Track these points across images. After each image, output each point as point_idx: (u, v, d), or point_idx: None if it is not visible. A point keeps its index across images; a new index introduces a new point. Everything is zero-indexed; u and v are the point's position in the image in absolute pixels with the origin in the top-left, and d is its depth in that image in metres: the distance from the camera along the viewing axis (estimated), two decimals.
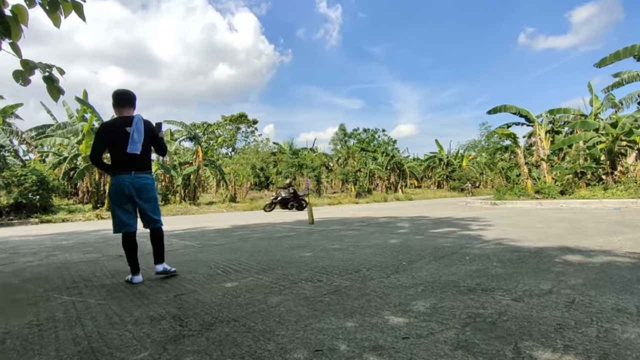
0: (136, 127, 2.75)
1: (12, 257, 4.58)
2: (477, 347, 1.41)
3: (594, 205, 10.23)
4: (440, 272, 2.72)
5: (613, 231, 4.61)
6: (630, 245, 3.55)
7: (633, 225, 5.13)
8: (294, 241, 4.97)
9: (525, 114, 17.41)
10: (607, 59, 13.32)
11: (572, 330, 1.53)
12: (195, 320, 1.88)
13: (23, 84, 2.55)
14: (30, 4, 2.31)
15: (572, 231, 4.77)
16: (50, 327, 1.88)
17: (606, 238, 4.05)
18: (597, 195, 11.98)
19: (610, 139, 13.65)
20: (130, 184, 2.77)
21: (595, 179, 14.36)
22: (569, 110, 17.54)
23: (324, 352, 1.43)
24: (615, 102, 16.24)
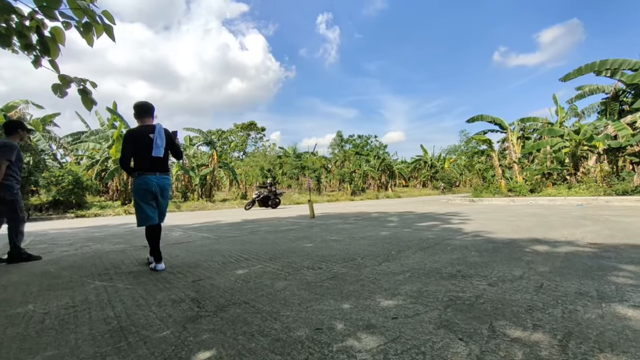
0: (159, 134, 2.83)
1: (51, 247, 4.58)
2: (457, 326, 1.41)
3: (559, 202, 10.22)
4: (425, 260, 2.72)
5: (576, 224, 4.60)
6: (591, 237, 3.55)
7: (594, 219, 5.12)
8: (297, 233, 4.97)
9: (499, 122, 17.40)
10: (571, 74, 13.30)
11: (540, 312, 1.53)
12: (211, 302, 1.88)
13: (60, 96, 2.54)
14: (67, 26, 2.30)
15: (541, 224, 4.77)
16: (84, 308, 1.88)
17: (570, 230, 4.05)
18: (562, 193, 11.97)
19: (574, 144, 13.65)
20: (156, 183, 2.83)
21: (560, 179, 14.36)
22: (538, 119, 17.56)
23: (323, 330, 1.43)
24: (577, 111, 16.26)
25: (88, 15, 2.21)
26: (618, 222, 4.64)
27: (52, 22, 2.24)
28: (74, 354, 1.33)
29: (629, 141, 11.45)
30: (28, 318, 1.76)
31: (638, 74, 11.21)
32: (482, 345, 1.25)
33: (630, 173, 11.60)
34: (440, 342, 1.28)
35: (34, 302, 2.05)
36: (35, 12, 2.19)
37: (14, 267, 3.25)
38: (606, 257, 2.56)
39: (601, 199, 9.63)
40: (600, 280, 1.96)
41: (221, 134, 42.88)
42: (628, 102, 13.86)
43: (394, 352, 1.22)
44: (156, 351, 1.32)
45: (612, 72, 12.50)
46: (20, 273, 2.96)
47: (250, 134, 44.83)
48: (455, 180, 38.34)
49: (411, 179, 39.67)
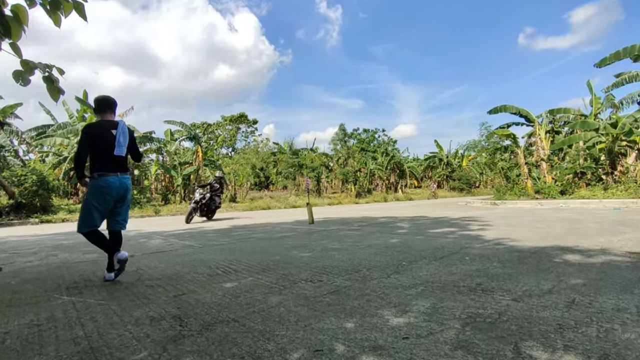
0: (122, 131, 2.87)
1: (12, 257, 4.58)
2: (477, 347, 1.41)
3: (593, 205, 10.23)
4: (440, 272, 2.72)
5: (613, 231, 4.61)
6: (631, 245, 3.55)
7: (633, 225, 5.13)
8: (294, 241, 4.97)
9: (525, 114, 17.42)
10: (607, 59, 13.32)
11: (572, 330, 1.53)
12: (195, 320, 1.88)
13: (23, 84, 2.54)
14: (31, 4, 2.30)
15: (572, 231, 4.77)
16: (50, 327, 1.88)
17: (606, 238, 4.05)
18: (597, 195, 11.98)
19: (610, 139, 13.65)
20: (119, 185, 2.86)
21: (595, 179, 14.36)
22: (569, 110, 17.56)
23: (323, 352, 1.43)
24: (615, 102, 16.26)
25: None
26: None
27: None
28: None
29: None
30: None
31: None
32: None
33: None
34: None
35: None
36: None
37: None
38: None
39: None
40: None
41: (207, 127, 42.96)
42: None
43: None
44: None
45: None
46: None
47: (240, 128, 44.89)
48: (475, 181, 38.36)
49: (424, 179, 39.70)
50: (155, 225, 9.81)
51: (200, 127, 41.93)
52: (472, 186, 36.88)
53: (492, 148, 37.73)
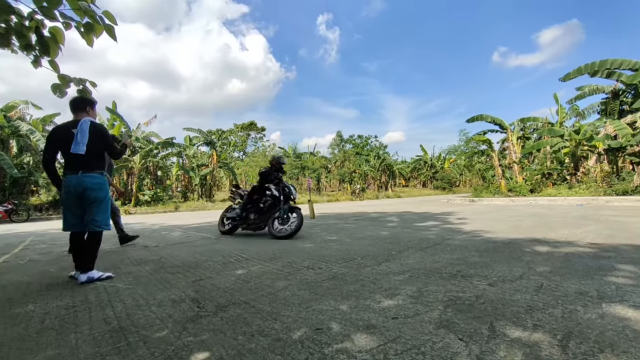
0: (80, 128, 2.55)
1: (51, 248, 4.58)
2: (457, 326, 1.41)
3: (559, 202, 10.22)
4: (425, 260, 2.72)
5: (576, 224, 4.60)
6: (592, 237, 3.55)
7: (594, 219, 5.12)
8: (298, 234, 4.96)
9: (499, 122, 17.40)
10: (571, 73, 13.31)
11: (541, 312, 1.53)
12: (211, 302, 1.88)
13: (60, 96, 2.54)
14: (67, 26, 2.30)
15: (541, 224, 4.77)
16: (84, 308, 1.88)
17: (570, 230, 4.05)
18: (562, 193, 11.97)
19: (574, 144, 13.65)
20: (76, 184, 2.52)
21: (560, 179, 14.36)
22: (538, 119, 17.57)
23: (323, 331, 1.42)
24: (578, 111, 16.25)
25: (88, 16, 2.21)
26: (618, 222, 4.64)
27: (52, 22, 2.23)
28: (74, 354, 1.33)
29: (629, 141, 11.44)
30: (28, 318, 1.76)
31: (638, 74, 11.22)
32: (482, 345, 1.25)
33: (630, 173, 11.60)
34: (440, 342, 1.28)
35: (34, 302, 2.05)
36: (34, 12, 2.18)
37: (16, 268, 3.25)
38: (606, 257, 2.56)
39: (601, 199, 9.63)
40: (600, 281, 1.96)
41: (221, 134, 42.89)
42: (628, 102, 13.86)
43: (394, 352, 1.22)
44: (156, 351, 1.32)
45: (611, 72, 12.51)
46: (21, 273, 2.96)
47: (250, 134, 44.85)
48: (455, 180, 38.33)
49: (411, 179, 39.66)
50: (175, 219, 9.81)
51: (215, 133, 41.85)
52: (452, 185, 36.87)
53: (470, 152, 37.70)
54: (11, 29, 2.25)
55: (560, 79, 13.80)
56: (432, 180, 37.74)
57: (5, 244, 5.26)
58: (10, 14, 2.16)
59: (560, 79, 13.83)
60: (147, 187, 19.62)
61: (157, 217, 12.13)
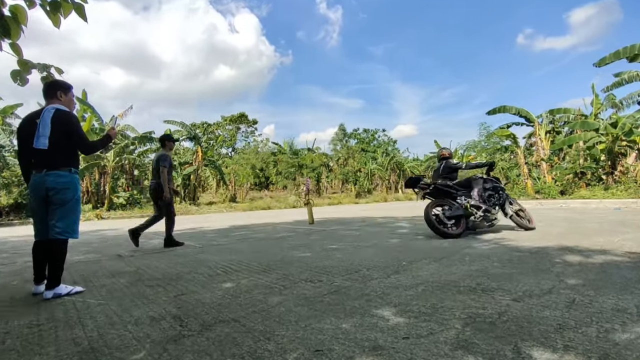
0: (42, 118, 2.43)
1: (13, 257, 4.58)
2: (477, 347, 1.41)
3: (594, 205, 10.23)
4: (441, 272, 2.72)
5: (613, 231, 4.60)
6: (630, 245, 3.55)
7: (633, 225, 5.13)
8: (294, 241, 4.97)
9: (525, 114, 17.43)
10: (607, 58, 13.32)
11: (572, 330, 1.53)
12: (196, 320, 1.88)
13: (21, 84, 2.54)
14: (30, 5, 2.31)
15: (572, 231, 4.77)
16: (50, 327, 1.88)
17: (606, 238, 4.05)
18: (597, 195, 11.99)
19: (611, 139, 13.67)
20: (39, 184, 2.47)
21: (595, 179, 14.36)
22: (569, 111, 17.56)
23: (323, 352, 1.43)
24: (615, 102, 16.24)
25: None
26: None
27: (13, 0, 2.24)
28: None
29: None
30: None
31: None
32: None
33: None
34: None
35: None
36: None
37: None
38: None
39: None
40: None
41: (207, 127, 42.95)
42: None
43: None
44: None
45: None
46: None
47: (240, 128, 44.87)
48: None
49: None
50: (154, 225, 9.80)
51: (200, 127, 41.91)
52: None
53: (492, 148, 37.72)
54: None
55: (595, 64, 13.82)
56: None
57: None
58: None
59: (594, 64, 13.85)
60: (122, 188, 19.63)
61: (134, 222, 12.12)
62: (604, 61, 13.48)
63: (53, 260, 2.50)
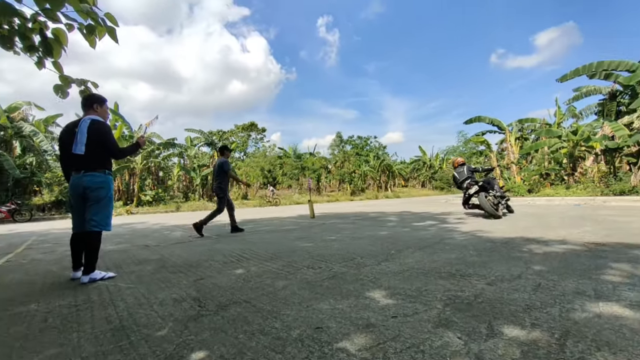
0: (80, 128, 2.51)
1: (54, 247, 4.58)
2: (456, 325, 1.41)
3: (557, 202, 10.22)
4: (424, 259, 2.72)
5: (574, 224, 4.60)
6: (589, 236, 3.55)
7: (591, 219, 5.12)
8: (298, 233, 4.97)
9: (498, 123, 17.43)
10: (568, 75, 13.32)
11: (538, 310, 1.53)
12: (212, 301, 1.88)
13: (62, 97, 2.55)
14: (70, 28, 2.31)
15: (538, 224, 4.77)
16: (86, 307, 1.88)
17: (568, 230, 4.05)
18: (560, 193, 11.97)
19: (571, 145, 13.66)
20: (77, 184, 2.52)
21: (558, 180, 14.36)
22: (536, 120, 17.59)
23: (323, 329, 1.43)
24: (575, 112, 16.26)
25: (90, 17, 2.21)
26: (615, 222, 4.64)
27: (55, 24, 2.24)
28: (77, 353, 1.33)
29: (626, 142, 11.45)
30: (31, 317, 1.76)
31: (635, 76, 11.22)
32: (480, 343, 1.25)
33: (627, 173, 11.61)
34: (439, 341, 1.28)
35: (36, 301, 2.05)
36: (37, 14, 2.19)
37: (19, 267, 3.25)
38: (603, 256, 2.56)
39: (599, 199, 9.64)
40: (597, 280, 1.96)
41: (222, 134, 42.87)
42: (625, 103, 13.86)
43: (393, 350, 1.23)
44: (157, 350, 1.32)
45: (609, 74, 12.51)
46: (23, 272, 2.96)
47: (250, 135, 44.79)
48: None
49: (410, 179, 39.66)
50: (176, 219, 9.82)
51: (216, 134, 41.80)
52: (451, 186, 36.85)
53: (469, 153, 37.72)
54: (14, 31, 2.26)
55: (558, 79, 13.81)
56: (431, 180, 37.75)
57: (8, 244, 5.26)
58: (14, 16, 2.16)
59: (557, 80, 13.84)
60: (149, 187, 19.63)
61: (159, 217, 12.13)
62: (565, 77, 13.47)
63: (89, 249, 2.51)
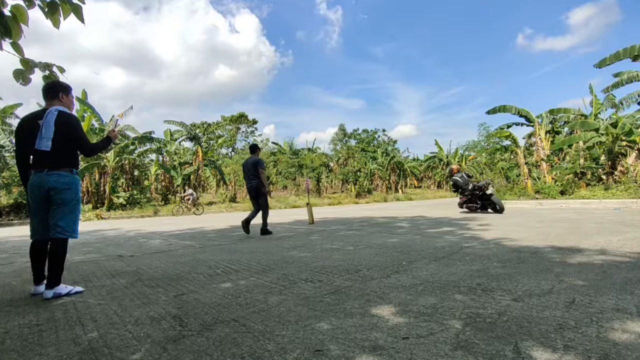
0: (45, 120, 2.45)
1: (13, 257, 4.58)
2: (477, 347, 1.41)
3: (594, 205, 10.22)
4: (440, 272, 2.72)
5: (613, 231, 4.60)
6: (630, 245, 3.55)
7: (633, 225, 5.13)
8: (294, 241, 4.97)
9: (525, 114, 17.42)
10: (607, 59, 13.32)
11: (572, 331, 1.53)
12: (195, 320, 1.88)
13: (23, 83, 2.55)
14: (30, 5, 2.31)
15: (572, 231, 4.77)
16: (50, 327, 1.88)
17: (606, 238, 4.05)
18: (597, 195, 11.98)
19: (611, 139, 13.67)
20: (40, 184, 2.48)
21: (595, 179, 14.36)
22: (569, 111, 17.56)
23: (323, 352, 1.43)
24: (615, 102, 16.23)
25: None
26: None
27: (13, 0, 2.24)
28: None
29: None
30: None
31: None
32: None
33: None
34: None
35: None
36: None
37: None
38: None
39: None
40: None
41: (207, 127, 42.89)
42: None
43: None
44: None
45: None
46: None
47: (240, 128, 44.86)
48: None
49: (424, 179, 39.72)
50: (154, 225, 9.82)
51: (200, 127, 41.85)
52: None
53: (492, 148, 37.73)
54: None
55: (596, 65, 13.81)
56: (448, 180, 37.79)
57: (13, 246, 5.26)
58: None
59: (595, 65, 13.84)
60: (122, 188, 19.62)
61: (134, 222, 12.13)
62: (604, 62, 13.47)
63: (54, 259, 2.50)
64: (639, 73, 14.84)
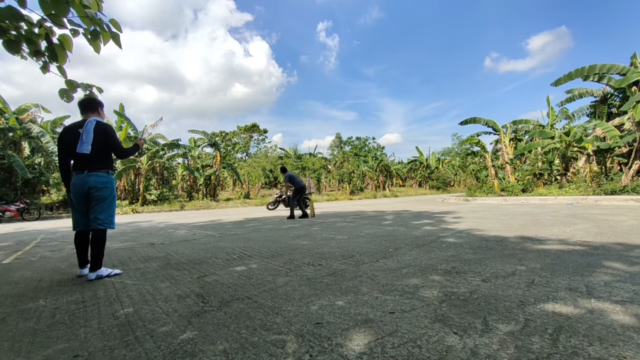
0: (85, 128, 2.50)
1: (62, 245, 4.58)
2: (452, 320, 1.41)
3: (550, 201, 10.21)
4: (421, 257, 2.72)
5: (566, 223, 4.60)
6: (581, 234, 3.55)
7: (583, 218, 5.12)
8: (298, 231, 4.96)
9: (492, 124, 17.39)
10: (562, 79, 13.29)
11: (532, 306, 1.53)
12: (215, 297, 1.88)
13: (67, 101, 2.55)
14: (75, 34, 2.30)
15: (532, 223, 4.77)
16: (93, 303, 1.88)
17: (561, 228, 4.05)
18: (553, 192, 11.97)
19: (564, 145, 13.66)
20: (81, 183, 2.49)
21: (551, 179, 14.36)
22: (529, 121, 17.57)
23: (323, 325, 1.42)
24: (568, 114, 16.26)
25: (95, 23, 2.21)
26: (606, 221, 4.64)
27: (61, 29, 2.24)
28: (84, 348, 1.33)
29: (617, 143, 11.45)
30: (39, 313, 1.76)
31: (625, 79, 11.22)
32: (475, 339, 1.25)
33: (618, 173, 11.61)
34: (436, 336, 1.28)
35: (45, 297, 2.05)
36: (44, 20, 2.18)
37: (28, 264, 3.25)
38: (595, 254, 2.56)
39: (590, 198, 9.63)
40: (589, 277, 1.96)
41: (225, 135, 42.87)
42: (616, 105, 13.87)
43: (391, 345, 1.23)
44: (162, 344, 1.32)
45: (600, 77, 12.50)
46: (32, 270, 2.96)
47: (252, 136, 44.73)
48: (450, 181, 38.34)
49: (408, 179, 39.65)
50: (181, 218, 9.81)
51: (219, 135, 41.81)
52: (447, 185, 36.89)
53: (464, 153, 37.71)
54: (21, 36, 2.25)
55: (552, 83, 13.76)
56: (427, 180, 37.75)
57: (17, 242, 5.26)
58: (20, 21, 2.16)
59: (551, 84, 13.80)
60: (154, 186, 19.61)
61: (163, 215, 12.12)
62: (559, 81, 13.44)
63: (96, 246, 2.50)
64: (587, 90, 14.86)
